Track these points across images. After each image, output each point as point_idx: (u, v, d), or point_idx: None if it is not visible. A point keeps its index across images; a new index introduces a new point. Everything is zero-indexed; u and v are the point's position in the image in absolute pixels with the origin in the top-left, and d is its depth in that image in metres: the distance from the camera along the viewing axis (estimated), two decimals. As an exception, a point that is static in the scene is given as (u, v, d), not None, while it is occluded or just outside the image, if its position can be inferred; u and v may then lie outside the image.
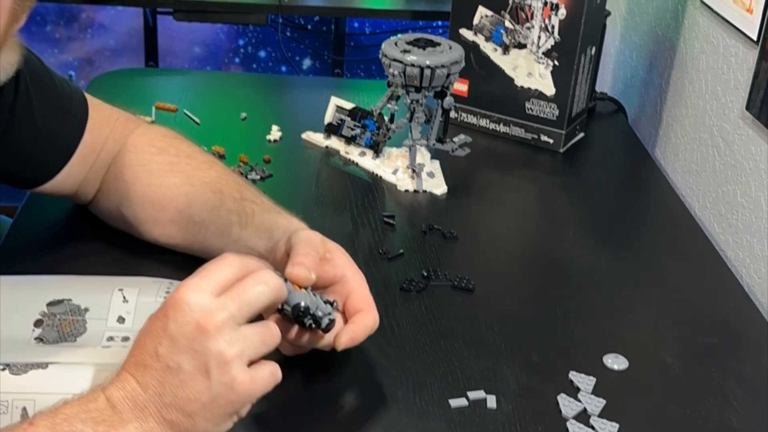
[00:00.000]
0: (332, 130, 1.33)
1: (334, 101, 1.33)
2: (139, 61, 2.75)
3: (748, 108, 1.15)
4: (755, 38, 1.13)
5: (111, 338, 0.87)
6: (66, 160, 0.98)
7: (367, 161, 1.29)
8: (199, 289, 0.69)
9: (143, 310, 0.89)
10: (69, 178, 0.99)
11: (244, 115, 1.41)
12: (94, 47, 2.85)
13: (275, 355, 0.75)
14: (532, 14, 1.33)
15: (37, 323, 0.87)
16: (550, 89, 1.36)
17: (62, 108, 0.97)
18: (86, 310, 0.89)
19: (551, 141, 1.38)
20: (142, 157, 1.00)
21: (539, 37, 1.34)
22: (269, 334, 0.71)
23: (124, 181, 1.00)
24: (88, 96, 1.01)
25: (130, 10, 2.72)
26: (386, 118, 1.27)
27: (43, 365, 0.76)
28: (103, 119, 1.01)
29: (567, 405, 0.84)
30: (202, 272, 0.71)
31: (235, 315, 0.69)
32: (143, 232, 1.01)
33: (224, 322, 0.68)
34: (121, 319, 0.89)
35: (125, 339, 0.87)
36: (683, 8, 1.38)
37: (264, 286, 0.71)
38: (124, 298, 0.90)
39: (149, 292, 0.91)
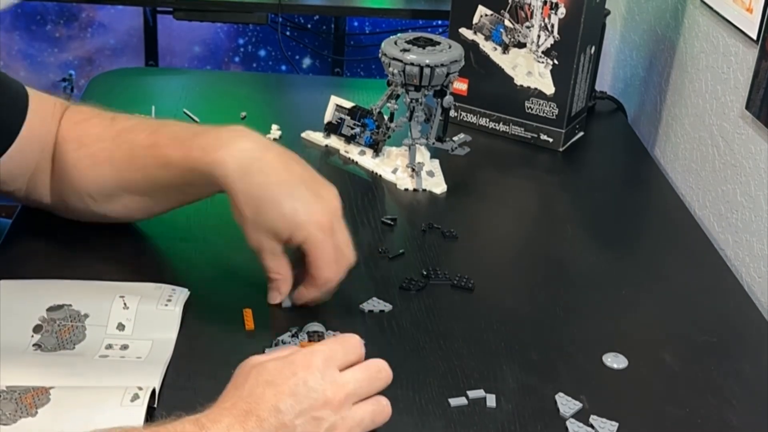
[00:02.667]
0: (332, 129, 1.33)
1: (334, 100, 1.33)
2: (139, 60, 2.76)
3: (747, 107, 1.15)
4: (755, 37, 1.13)
5: (110, 346, 0.86)
6: (9, 143, 0.96)
7: (366, 160, 1.29)
8: (330, 361, 0.73)
9: (143, 318, 0.89)
10: (12, 163, 0.97)
11: (243, 114, 1.41)
12: (95, 46, 2.85)
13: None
14: (531, 13, 1.33)
15: (36, 329, 0.86)
16: (549, 88, 1.36)
17: (2, 92, 0.96)
18: (86, 316, 0.88)
19: (551, 140, 1.38)
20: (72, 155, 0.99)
21: (539, 36, 1.34)
22: (381, 412, 0.75)
23: (66, 181, 1.00)
24: (28, 88, 1.00)
25: (130, 10, 2.72)
26: (386, 117, 1.27)
27: (32, 411, 0.74)
28: (43, 108, 1.00)
29: (565, 404, 0.84)
30: (331, 345, 0.75)
31: (356, 393, 0.74)
32: (117, 211, 1.01)
33: (347, 399, 0.73)
34: (120, 326, 0.88)
35: (124, 347, 0.86)
36: (683, 7, 1.38)
37: (385, 376, 0.76)
38: (125, 304, 0.89)
39: (150, 300, 0.91)
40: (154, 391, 0.79)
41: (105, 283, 0.94)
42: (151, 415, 0.78)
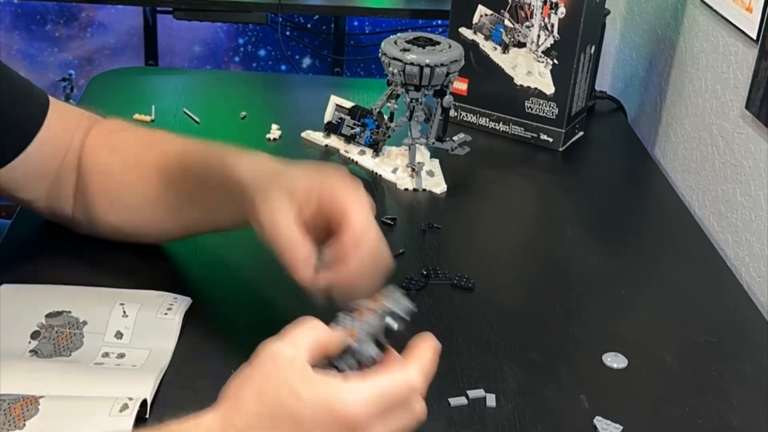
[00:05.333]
0: (332, 128, 1.33)
1: (334, 100, 1.33)
2: (139, 59, 2.76)
3: (747, 107, 1.15)
4: (755, 37, 1.13)
5: (106, 354, 0.86)
6: (25, 144, 0.93)
7: (366, 160, 1.29)
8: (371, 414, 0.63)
9: (142, 327, 0.88)
10: (29, 167, 0.95)
11: (243, 114, 1.41)
12: (94, 46, 2.85)
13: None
14: (531, 13, 1.33)
15: (34, 335, 0.86)
16: (549, 88, 1.36)
17: (21, 94, 0.94)
18: (84, 323, 0.88)
19: (550, 140, 1.38)
20: (101, 160, 0.97)
21: (539, 36, 1.34)
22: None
23: (93, 189, 0.97)
24: (52, 98, 0.98)
25: (130, 9, 2.72)
26: (386, 117, 1.27)
27: (21, 424, 0.74)
28: (67, 116, 0.98)
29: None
30: (373, 395, 0.63)
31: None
32: (134, 235, 0.99)
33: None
34: (119, 335, 0.87)
35: (120, 356, 0.86)
36: (683, 7, 1.38)
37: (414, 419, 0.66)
38: (124, 312, 0.89)
39: (150, 308, 0.90)
40: (145, 402, 0.78)
41: (106, 289, 0.93)
42: (141, 426, 0.77)
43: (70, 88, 2.81)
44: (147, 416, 0.78)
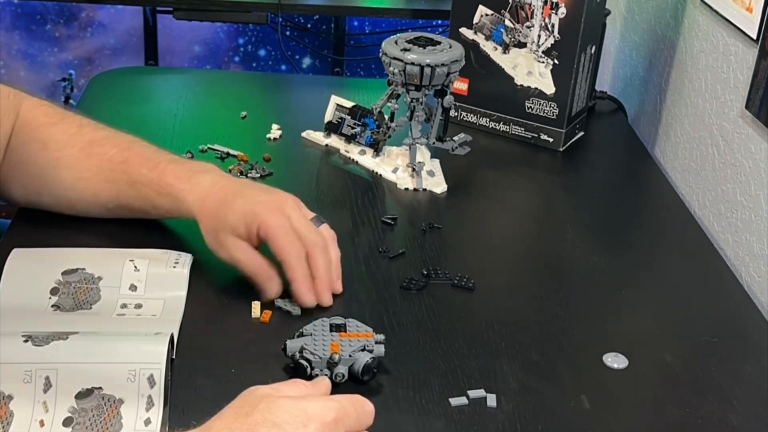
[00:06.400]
0: (332, 128, 1.33)
1: (334, 100, 1.33)
2: (139, 59, 2.76)
3: (747, 107, 1.15)
4: (755, 37, 1.13)
5: (125, 305, 0.91)
6: None
7: (367, 160, 1.29)
8: (341, 422, 0.68)
9: (154, 279, 0.94)
10: None
11: (244, 113, 1.41)
12: (94, 46, 2.85)
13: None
14: (532, 13, 1.33)
15: (53, 291, 0.91)
16: (549, 88, 1.36)
17: None
18: (99, 278, 0.93)
19: (551, 140, 1.38)
20: (41, 133, 1.01)
21: (539, 36, 1.34)
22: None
23: (38, 167, 1.01)
24: None
25: (130, 9, 2.73)
26: (386, 117, 1.27)
27: (64, 336, 0.77)
28: None
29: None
30: (346, 405, 0.70)
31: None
32: (80, 211, 1.04)
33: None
34: (133, 287, 0.93)
35: (138, 306, 0.91)
36: (683, 7, 1.39)
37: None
38: (135, 267, 0.94)
39: (158, 263, 0.95)
40: (172, 339, 0.83)
41: (114, 249, 0.98)
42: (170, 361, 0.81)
43: (70, 88, 2.81)
44: (174, 357, 0.84)
